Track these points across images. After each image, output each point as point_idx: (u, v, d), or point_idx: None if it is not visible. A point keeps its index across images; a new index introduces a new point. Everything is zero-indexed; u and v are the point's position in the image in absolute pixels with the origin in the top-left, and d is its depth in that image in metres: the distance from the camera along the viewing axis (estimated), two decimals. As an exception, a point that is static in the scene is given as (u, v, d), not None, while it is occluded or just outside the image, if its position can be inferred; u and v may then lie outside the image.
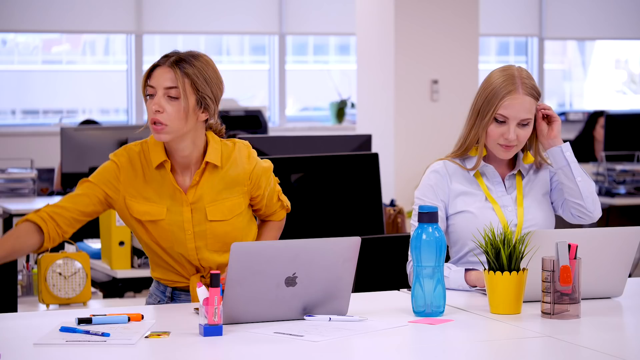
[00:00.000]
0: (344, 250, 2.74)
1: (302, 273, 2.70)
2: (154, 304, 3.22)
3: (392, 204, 6.36)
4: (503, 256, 2.79)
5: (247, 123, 8.49)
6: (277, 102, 10.33)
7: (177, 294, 3.21)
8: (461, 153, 3.31)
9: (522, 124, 3.22)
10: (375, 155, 4.50)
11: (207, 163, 3.11)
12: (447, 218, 3.29)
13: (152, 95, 3.06)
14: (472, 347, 2.56)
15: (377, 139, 6.88)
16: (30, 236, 3.03)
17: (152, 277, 3.25)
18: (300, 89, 10.67)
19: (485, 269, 2.84)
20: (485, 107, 3.24)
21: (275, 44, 10.30)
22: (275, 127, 10.14)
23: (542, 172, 3.35)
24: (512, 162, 3.34)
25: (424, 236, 2.79)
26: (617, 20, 11.18)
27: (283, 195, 3.29)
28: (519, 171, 3.32)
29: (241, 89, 10.29)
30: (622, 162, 7.50)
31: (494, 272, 2.80)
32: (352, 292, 2.80)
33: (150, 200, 3.10)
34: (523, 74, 3.24)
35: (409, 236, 3.14)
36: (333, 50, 10.94)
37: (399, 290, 3.20)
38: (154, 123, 3.05)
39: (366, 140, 4.92)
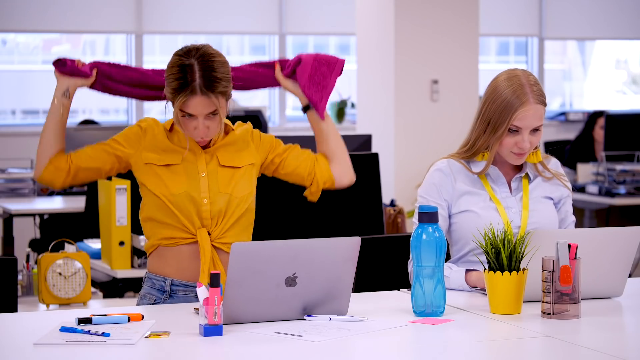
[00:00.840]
0: (344, 250, 2.74)
1: (302, 273, 2.70)
2: (149, 304, 3.22)
3: (392, 204, 6.36)
4: (503, 256, 2.79)
5: (247, 123, 8.48)
6: (277, 102, 10.33)
7: (175, 289, 3.20)
8: (468, 157, 3.30)
9: (533, 129, 3.21)
10: (375, 155, 4.50)
11: (227, 131, 3.31)
12: (449, 217, 3.29)
13: (190, 116, 3.19)
14: (472, 347, 2.57)
15: (377, 139, 6.88)
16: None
17: (155, 245, 3.27)
18: (301, 89, 10.66)
19: (485, 269, 2.84)
20: (498, 119, 3.21)
21: (275, 44, 10.29)
22: (275, 127, 10.14)
23: (551, 184, 3.33)
24: (518, 166, 3.33)
25: (424, 236, 2.79)
26: (617, 20, 11.17)
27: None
28: (527, 174, 3.32)
29: (241, 89, 10.27)
30: (622, 162, 7.50)
31: (494, 272, 2.81)
32: (352, 292, 2.80)
33: (167, 151, 3.26)
34: (531, 80, 3.22)
35: (409, 236, 3.14)
36: (333, 50, 10.93)
37: (399, 290, 3.20)
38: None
39: (366, 140, 4.93)
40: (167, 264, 3.22)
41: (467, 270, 3.15)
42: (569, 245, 2.76)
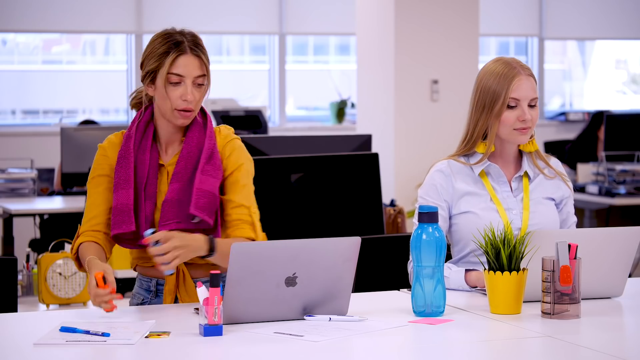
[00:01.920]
0: (344, 250, 2.74)
1: (302, 273, 2.70)
2: (137, 303, 3.18)
3: (392, 204, 6.35)
4: (503, 256, 2.79)
5: (247, 123, 8.49)
6: (277, 102, 10.33)
7: (161, 288, 3.18)
8: (467, 149, 3.30)
9: (530, 105, 3.23)
10: (375, 155, 4.49)
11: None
12: (450, 217, 3.28)
13: (176, 84, 3.08)
14: (472, 347, 2.56)
15: (377, 139, 6.87)
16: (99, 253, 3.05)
17: (134, 264, 3.21)
18: (300, 89, 10.67)
19: (485, 269, 2.84)
20: (493, 97, 3.22)
21: (275, 44, 10.30)
22: (275, 127, 10.14)
23: (552, 184, 3.33)
24: (518, 163, 3.33)
25: (424, 236, 2.79)
26: (617, 20, 11.18)
27: (258, 220, 3.12)
28: (526, 172, 3.31)
29: (241, 89, 10.29)
30: (622, 162, 7.50)
31: (494, 272, 2.81)
32: (352, 292, 2.80)
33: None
34: (517, 60, 3.28)
35: (409, 236, 3.14)
36: (333, 50, 10.94)
37: (399, 290, 3.20)
38: (183, 110, 3.08)
39: (366, 140, 4.92)
40: (152, 267, 3.17)
41: (467, 270, 3.15)
42: (569, 245, 2.76)
